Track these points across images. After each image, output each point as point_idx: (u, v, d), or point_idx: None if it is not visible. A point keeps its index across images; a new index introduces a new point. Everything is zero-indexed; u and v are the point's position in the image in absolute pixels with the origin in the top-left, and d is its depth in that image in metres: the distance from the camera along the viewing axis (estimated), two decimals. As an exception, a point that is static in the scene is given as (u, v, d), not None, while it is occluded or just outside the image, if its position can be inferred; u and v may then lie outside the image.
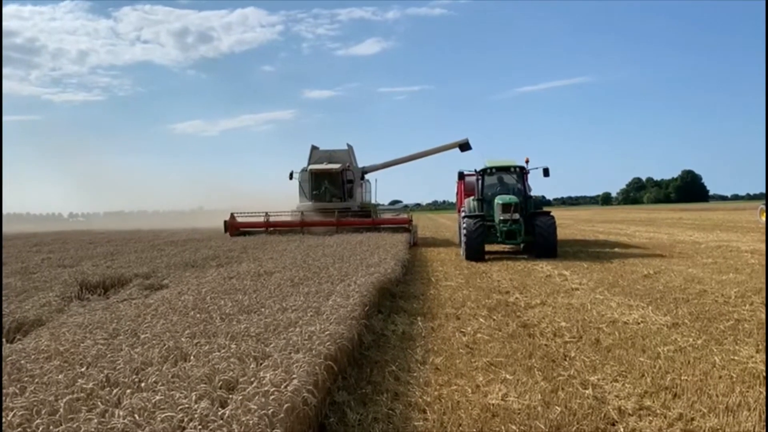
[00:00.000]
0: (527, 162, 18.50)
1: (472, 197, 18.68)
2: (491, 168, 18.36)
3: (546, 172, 18.38)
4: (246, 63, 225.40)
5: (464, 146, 29.01)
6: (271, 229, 25.11)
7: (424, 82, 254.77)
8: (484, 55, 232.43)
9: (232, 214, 25.97)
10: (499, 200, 16.99)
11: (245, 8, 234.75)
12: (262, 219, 25.50)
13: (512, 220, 16.61)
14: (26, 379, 4.60)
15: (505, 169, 18.48)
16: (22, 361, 5.13)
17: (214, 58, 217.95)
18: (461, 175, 20.19)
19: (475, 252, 16.47)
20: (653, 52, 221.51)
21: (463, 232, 16.96)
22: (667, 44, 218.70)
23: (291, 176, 27.46)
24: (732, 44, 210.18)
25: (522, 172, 18.33)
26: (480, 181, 18.27)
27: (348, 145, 29.36)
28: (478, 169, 18.52)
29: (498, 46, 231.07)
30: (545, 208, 18.85)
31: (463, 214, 18.54)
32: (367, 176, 30.14)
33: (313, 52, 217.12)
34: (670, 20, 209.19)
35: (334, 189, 27.48)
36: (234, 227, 25.57)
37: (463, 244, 17.16)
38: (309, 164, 27.84)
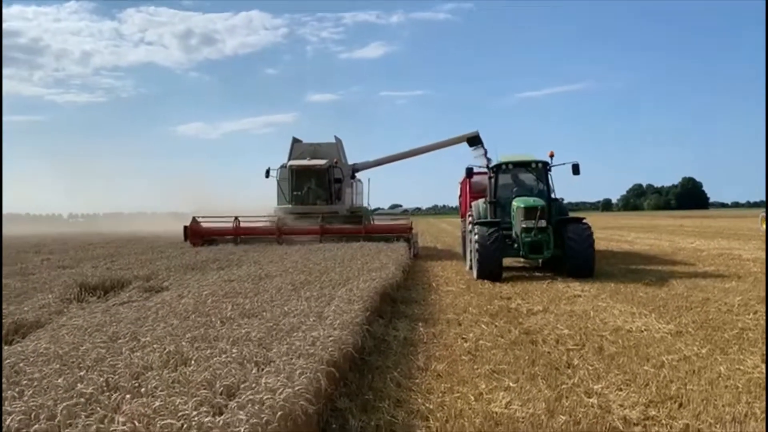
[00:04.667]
0: (552, 156, 14.86)
1: (481, 200, 15.64)
2: (507, 164, 15.07)
3: (576, 169, 14.78)
4: (249, 65, 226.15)
5: (473, 140, 24.72)
6: (243, 237, 21.38)
7: (426, 86, 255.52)
8: (487, 60, 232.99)
9: (194, 218, 21.81)
10: (520, 203, 13.77)
11: (250, 11, 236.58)
12: (231, 224, 21.47)
13: (538, 229, 13.31)
14: (25, 382, 4.54)
15: (525, 165, 15.10)
16: (21, 364, 5.07)
17: (218, 60, 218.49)
18: (470, 172, 16.44)
19: (491, 269, 13.14)
20: (654, 58, 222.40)
21: (475, 243, 13.49)
22: (667, 51, 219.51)
23: (267, 174, 23.06)
24: (732, 51, 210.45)
25: (545, 169, 14.86)
26: (493, 180, 14.95)
27: (336, 138, 25.13)
28: (490, 165, 15.42)
29: (501, 51, 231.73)
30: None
31: (469, 219, 15.50)
32: (358, 175, 26.02)
33: (317, 55, 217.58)
34: (670, 26, 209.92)
35: (319, 189, 23.33)
36: (197, 234, 21.38)
37: (474, 260, 13.72)
38: (289, 160, 23.69)
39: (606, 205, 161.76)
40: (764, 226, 33.96)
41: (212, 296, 8.81)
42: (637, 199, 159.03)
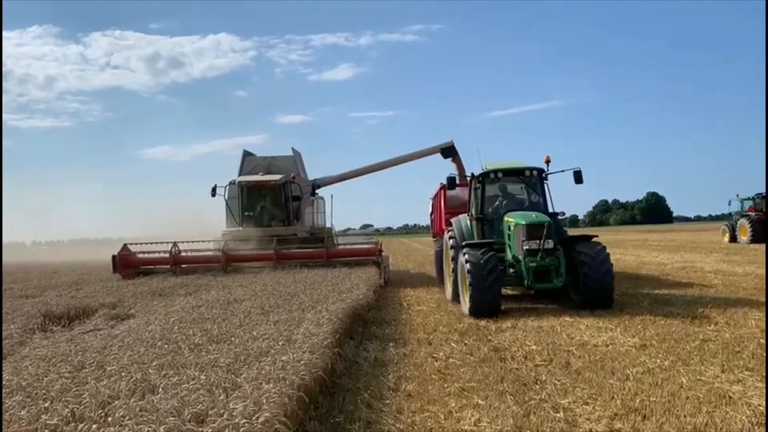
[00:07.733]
0: (548, 162, 12.38)
1: (463, 215, 13.12)
2: (497, 171, 12.38)
3: (578, 177, 12.28)
4: (218, 88, 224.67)
5: (448, 151, 22.72)
6: (184, 266, 18.50)
7: (396, 106, 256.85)
8: (456, 80, 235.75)
9: (125, 245, 18.94)
10: (519, 219, 11.24)
11: (217, 34, 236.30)
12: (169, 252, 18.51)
13: (544, 251, 10.90)
14: (-14, 416, 4.45)
15: (517, 173, 12.58)
16: (-18, 398, 4.96)
17: (186, 83, 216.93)
18: (452, 183, 13.48)
19: (488, 302, 10.50)
20: (619, 77, 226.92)
21: (467, 271, 10.68)
22: (632, 69, 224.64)
23: (213, 192, 19.69)
24: (697, 69, 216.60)
25: (541, 178, 12.49)
26: (479, 191, 12.45)
27: (294, 150, 22.52)
28: (475, 173, 12.71)
29: (469, 71, 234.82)
30: None
31: (448, 236, 13.08)
32: (320, 192, 23.14)
33: (286, 77, 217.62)
34: (635, 44, 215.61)
35: (274, 209, 20.34)
36: (128, 264, 18.61)
37: (467, 292, 10.89)
38: (240, 175, 20.89)
39: (573, 221, 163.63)
40: (725, 238, 34.92)
41: (179, 322, 8.73)
42: (603, 214, 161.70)
